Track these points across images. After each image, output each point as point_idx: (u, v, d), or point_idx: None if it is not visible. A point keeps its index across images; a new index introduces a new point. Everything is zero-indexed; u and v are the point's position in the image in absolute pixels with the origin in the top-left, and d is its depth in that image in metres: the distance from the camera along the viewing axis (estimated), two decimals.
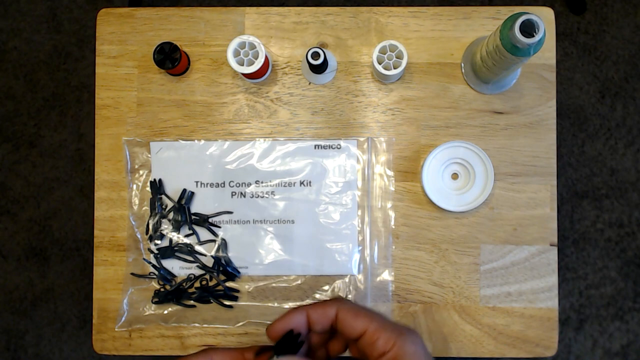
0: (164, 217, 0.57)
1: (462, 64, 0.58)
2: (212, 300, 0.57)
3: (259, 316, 0.57)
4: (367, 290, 0.57)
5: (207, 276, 0.57)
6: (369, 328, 0.35)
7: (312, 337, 0.39)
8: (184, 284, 0.57)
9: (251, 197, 0.58)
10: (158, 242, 0.57)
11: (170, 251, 0.57)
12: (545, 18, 0.57)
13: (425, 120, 0.58)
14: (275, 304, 0.57)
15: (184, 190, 0.57)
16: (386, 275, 0.57)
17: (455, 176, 0.57)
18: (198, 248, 0.57)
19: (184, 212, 0.57)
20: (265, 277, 0.57)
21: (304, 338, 0.37)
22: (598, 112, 1.24)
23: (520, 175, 0.57)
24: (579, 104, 1.25)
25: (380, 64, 0.54)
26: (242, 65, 0.54)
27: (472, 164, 0.56)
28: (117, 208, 0.58)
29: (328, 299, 0.39)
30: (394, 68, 0.54)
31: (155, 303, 0.57)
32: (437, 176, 0.56)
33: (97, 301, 0.58)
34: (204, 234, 0.57)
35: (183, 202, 0.57)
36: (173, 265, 0.57)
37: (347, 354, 0.40)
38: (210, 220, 0.57)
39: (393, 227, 0.57)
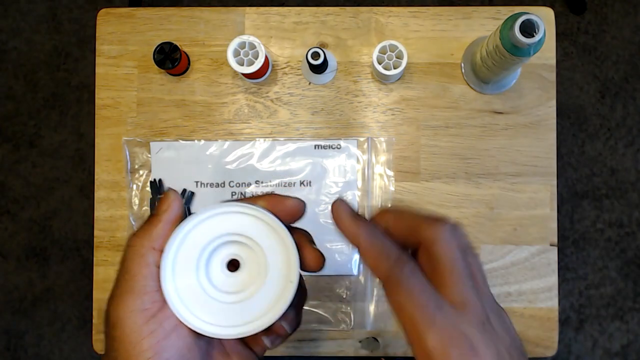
0: None
1: (462, 64, 0.58)
2: None
3: None
4: (367, 290, 0.57)
5: None
6: (407, 329, 0.25)
7: None
8: None
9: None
10: None
11: None
12: (545, 18, 0.57)
13: (425, 120, 0.58)
14: None
15: (184, 190, 0.57)
16: None
17: (233, 266, 0.30)
18: None
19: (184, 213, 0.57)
20: None
21: None
22: (598, 112, 1.24)
23: (520, 175, 0.57)
24: (579, 104, 1.25)
25: (380, 64, 0.54)
26: (242, 65, 0.54)
27: (260, 245, 0.29)
28: (117, 208, 0.58)
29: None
30: (394, 68, 0.54)
31: None
32: (193, 268, 0.29)
33: (97, 301, 0.58)
34: None
35: (183, 202, 0.57)
36: None
37: None
38: None
39: None
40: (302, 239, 0.29)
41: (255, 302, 0.28)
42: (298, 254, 0.28)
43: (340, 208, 0.28)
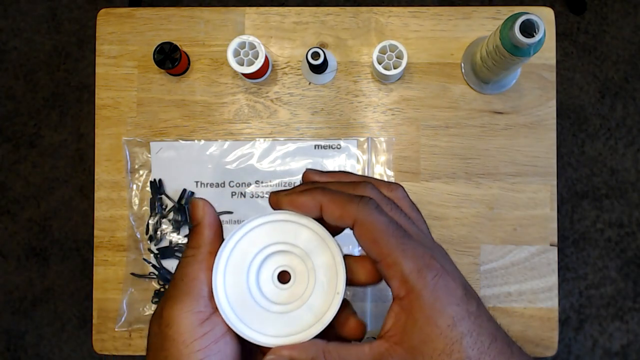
0: (164, 217, 0.57)
1: (462, 64, 0.58)
2: None
3: None
4: (367, 291, 0.57)
5: None
6: (382, 260, 0.26)
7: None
8: None
9: (251, 197, 0.58)
10: (158, 242, 0.57)
11: (170, 251, 0.57)
12: (545, 18, 0.57)
13: (425, 120, 0.58)
14: None
15: (184, 190, 0.57)
16: None
17: (284, 277, 0.30)
18: None
19: (184, 212, 0.57)
20: None
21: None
22: (598, 112, 1.24)
23: (520, 175, 0.57)
24: (579, 104, 1.25)
25: (380, 64, 0.54)
26: (242, 65, 0.54)
27: (309, 255, 0.29)
28: (117, 208, 0.58)
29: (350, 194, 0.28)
30: (394, 68, 0.54)
31: (155, 303, 0.57)
32: (244, 275, 0.29)
33: (97, 301, 0.58)
34: None
35: (183, 202, 0.57)
36: (173, 265, 0.57)
37: None
38: None
39: None
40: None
41: (302, 313, 0.28)
42: (345, 265, 0.28)
43: (279, 195, 0.29)
